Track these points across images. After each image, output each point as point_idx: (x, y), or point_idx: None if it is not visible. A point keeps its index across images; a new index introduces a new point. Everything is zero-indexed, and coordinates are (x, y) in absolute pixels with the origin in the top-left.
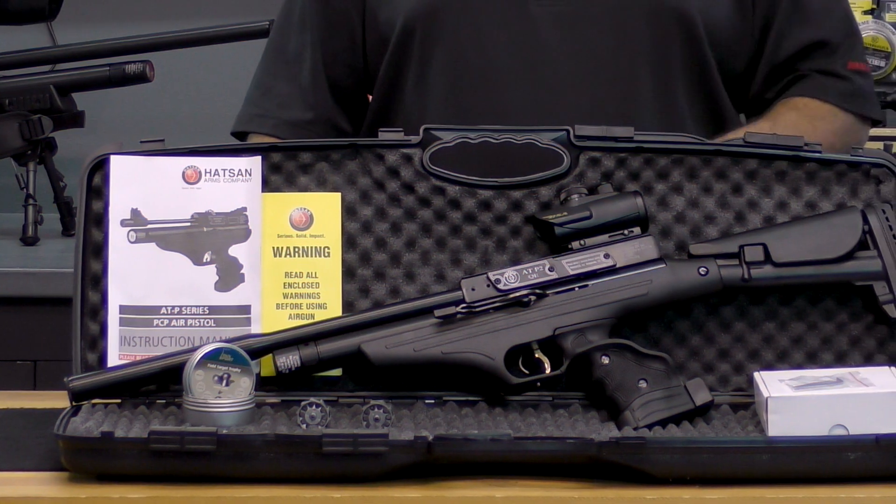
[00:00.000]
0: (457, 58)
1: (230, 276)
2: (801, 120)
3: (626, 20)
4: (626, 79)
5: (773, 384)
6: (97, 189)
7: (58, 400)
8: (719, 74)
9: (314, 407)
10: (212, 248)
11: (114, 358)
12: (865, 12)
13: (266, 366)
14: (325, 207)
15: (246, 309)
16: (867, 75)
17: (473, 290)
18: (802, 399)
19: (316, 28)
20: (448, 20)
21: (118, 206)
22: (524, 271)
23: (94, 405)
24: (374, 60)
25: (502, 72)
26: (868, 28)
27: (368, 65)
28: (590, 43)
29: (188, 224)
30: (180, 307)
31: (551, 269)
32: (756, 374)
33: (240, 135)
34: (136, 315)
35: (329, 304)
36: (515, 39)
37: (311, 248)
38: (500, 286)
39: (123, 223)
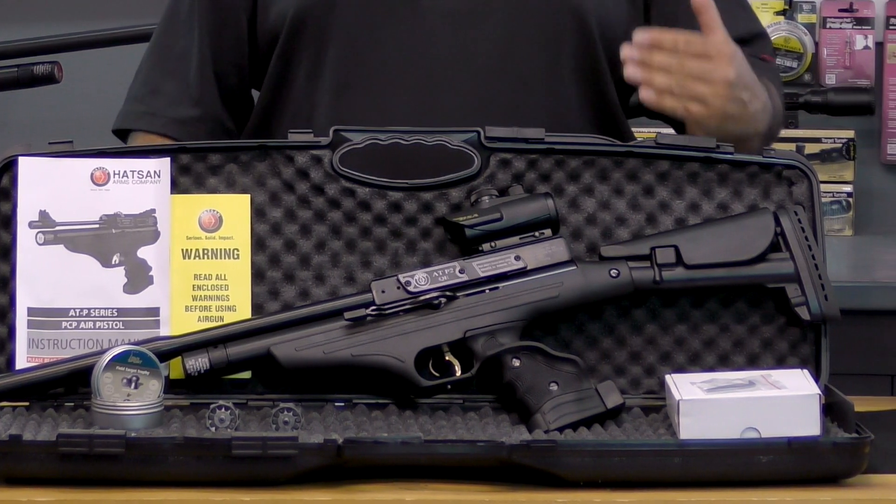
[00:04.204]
0: (348, 52)
1: (139, 278)
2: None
3: (517, 17)
4: (515, 77)
5: (685, 387)
6: (5, 191)
7: None
8: (614, 73)
9: (223, 410)
10: (120, 250)
11: (22, 360)
12: (777, 13)
13: (175, 368)
14: (235, 209)
15: (155, 311)
16: (777, 68)
17: (383, 292)
18: (714, 402)
19: (205, 26)
20: (340, 12)
21: (26, 207)
22: (434, 273)
23: (1, 408)
24: (263, 56)
25: (391, 67)
26: (780, 29)
27: (257, 62)
28: (479, 40)
29: (97, 226)
30: (89, 309)
31: (462, 272)
32: (668, 377)
33: (123, 133)
34: (45, 317)
35: (238, 306)
36: (405, 35)
37: (221, 250)
38: (411, 288)
39: (32, 225)
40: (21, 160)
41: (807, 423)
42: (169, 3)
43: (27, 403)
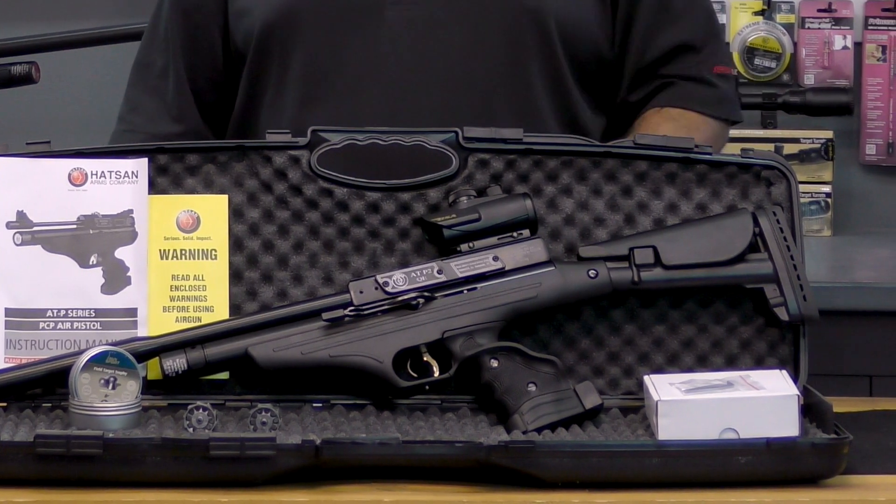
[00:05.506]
0: (312, 65)
1: (117, 278)
2: (679, 131)
3: (479, 22)
4: (481, 83)
5: (663, 387)
6: None
7: None
8: (576, 76)
9: (201, 410)
10: (98, 251)
11: None
12: (756, 13)
13: (153, 369)
14: (212, 209)
15: (132, 312)
16: (730, 78)
17: (361, 292)
18: (692, 402)
19: (179, 44)
20: (305, 26)
21: (4, 208)
22: (412, 274)
23: None
24: (235, 73)
25: (355, 78)
26: (759, 29)
27: (233, 79)
28: (442, 47)
29: (74, 226)
30: (66, 310)
31: (440, 272)
32: (646, 378)
33: None
34: (22, 318)
35: (216, 306)
36: (368, 45)
37: (198, 250)
38: (389, 289)
39: (9, 225)
40: None
41: (785, 423)
42: (150, 19)
43: (5, 404)
